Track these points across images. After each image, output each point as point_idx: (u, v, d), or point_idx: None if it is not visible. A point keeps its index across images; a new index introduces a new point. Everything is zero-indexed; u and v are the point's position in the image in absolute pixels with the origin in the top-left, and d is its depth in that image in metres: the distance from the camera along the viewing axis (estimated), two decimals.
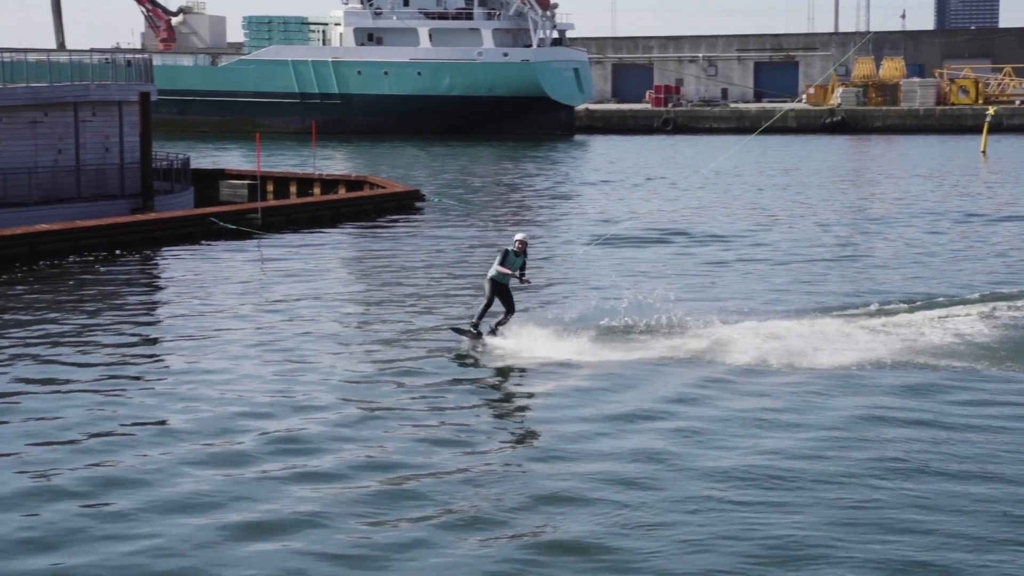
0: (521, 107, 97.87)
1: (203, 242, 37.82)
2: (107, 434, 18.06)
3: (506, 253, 22.83)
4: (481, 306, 23.10)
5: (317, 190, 50.57)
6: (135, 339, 24.39)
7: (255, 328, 25.18)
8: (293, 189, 51.15)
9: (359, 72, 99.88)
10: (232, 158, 74.38)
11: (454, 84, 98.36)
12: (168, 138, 78.78)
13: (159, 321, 26.65)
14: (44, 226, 35.86)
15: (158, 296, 30.08)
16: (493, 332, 23.01)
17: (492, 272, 22.90)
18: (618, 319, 23.74)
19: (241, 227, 38.78)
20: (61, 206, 40.97)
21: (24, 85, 41.64)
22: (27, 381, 20.95)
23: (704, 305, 26.08)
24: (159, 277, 33.19)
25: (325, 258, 35.55)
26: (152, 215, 40.83)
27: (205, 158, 69.56)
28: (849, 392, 20.18)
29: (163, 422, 18.68)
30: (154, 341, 24.32)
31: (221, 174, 53.64)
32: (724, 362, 21.74)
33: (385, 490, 15.71)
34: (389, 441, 17.65)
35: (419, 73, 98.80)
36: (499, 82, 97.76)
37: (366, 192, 48.41)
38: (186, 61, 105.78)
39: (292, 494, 15.56)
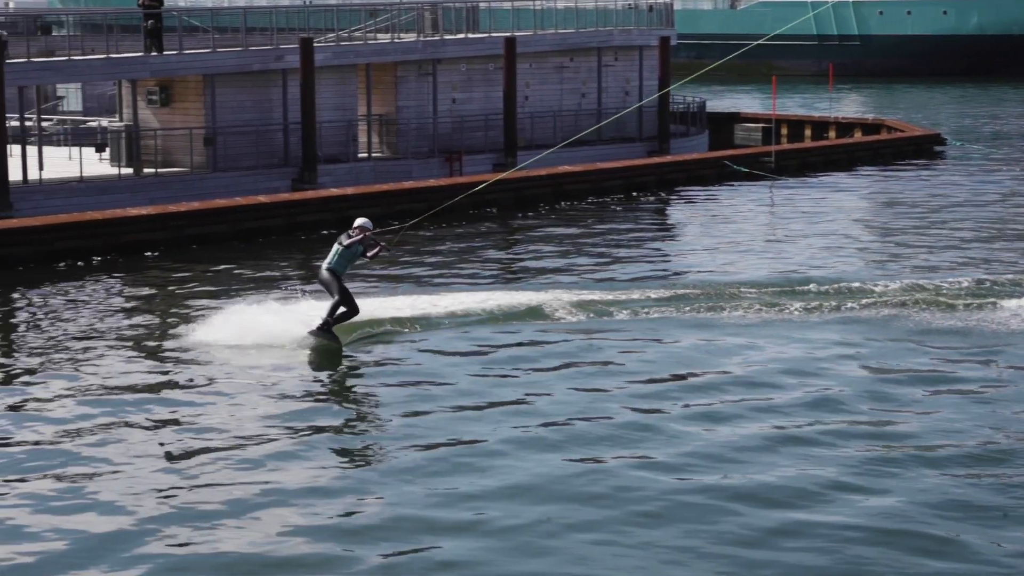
0: None
1: (717, 184, 38.28)
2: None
3: (349, 238, 19.91)
4: (332, 302, 19.84)
5: (832, 133, 49.88)
6: (655, 272, 25.30)
7: (762, 269, 25.40)
8: (808, 132, 50.72)
9: (880, 12, 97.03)
10: (748, 101, 74.56)
11: (983, 22, 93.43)
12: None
13: (673, 257, 27.42)
14: (566, 168, 37.53)
15: (671, 236, 30.94)
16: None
17: (329, 261, 19.97)
18: None
19: (754, 170, 38.90)
20: (582, 148, 42.72)
21: (552, 32, 43.70)
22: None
23: None
24: (672, 219, 34.00)
25: (839, 202, 35.08)
26: (668, 158, 41.77)
27: (721, 101, 70.12)
28: None
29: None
30: (670, 275, 25.03)
31: (736, 117, 53.96)
32: None
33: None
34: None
35: (944, 12, 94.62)
36: None
37: (883, 136, 47.19)
38: (706, 5, 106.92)
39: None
